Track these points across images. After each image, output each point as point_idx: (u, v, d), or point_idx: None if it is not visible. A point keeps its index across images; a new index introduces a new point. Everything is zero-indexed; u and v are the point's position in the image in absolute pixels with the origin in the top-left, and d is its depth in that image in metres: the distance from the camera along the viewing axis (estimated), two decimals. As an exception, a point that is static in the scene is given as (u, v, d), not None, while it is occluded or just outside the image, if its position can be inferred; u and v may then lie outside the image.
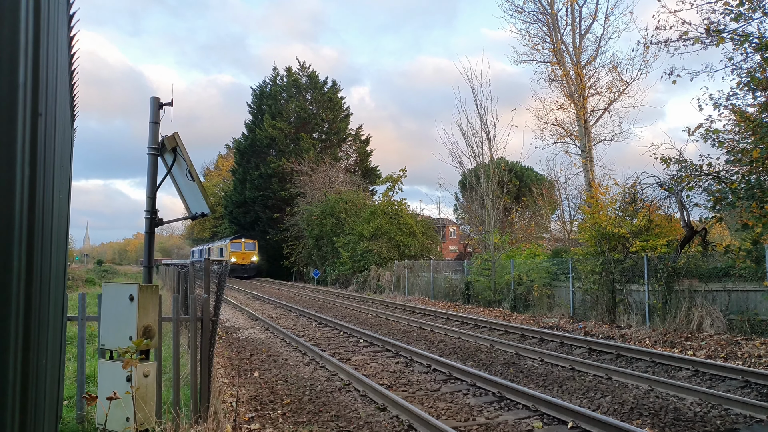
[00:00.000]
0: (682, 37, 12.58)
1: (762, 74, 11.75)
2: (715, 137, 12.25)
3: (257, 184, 51.96)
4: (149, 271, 6.65)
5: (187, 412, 5.70)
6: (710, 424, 6.29)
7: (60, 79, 2.61)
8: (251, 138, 53.75)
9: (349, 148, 55.33)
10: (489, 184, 24.28)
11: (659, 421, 6.43)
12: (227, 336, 13.96)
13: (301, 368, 9.87)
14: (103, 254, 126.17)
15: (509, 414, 6.82)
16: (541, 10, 26.95)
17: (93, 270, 55.05)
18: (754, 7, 11.32)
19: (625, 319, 14.61)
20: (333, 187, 42.75)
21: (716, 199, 11.95)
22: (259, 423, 6.57)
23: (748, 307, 12.35)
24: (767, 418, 6.31)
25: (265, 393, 8.07)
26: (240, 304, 22.74)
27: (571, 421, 6.24)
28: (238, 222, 56.81)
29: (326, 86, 54.56)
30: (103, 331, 5.25)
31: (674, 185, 14.84)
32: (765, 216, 11.21)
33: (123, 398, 4.30)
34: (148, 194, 6.56)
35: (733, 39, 11.71)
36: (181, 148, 6.49)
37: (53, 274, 2.88)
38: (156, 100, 6.65)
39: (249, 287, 35.58)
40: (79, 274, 41.82)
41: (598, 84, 26.44)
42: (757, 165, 11.23)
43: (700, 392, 7.32)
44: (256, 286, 37.10)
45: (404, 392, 7.95)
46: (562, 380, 8.58)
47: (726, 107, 12.56)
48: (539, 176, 38.91)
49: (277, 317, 18.09)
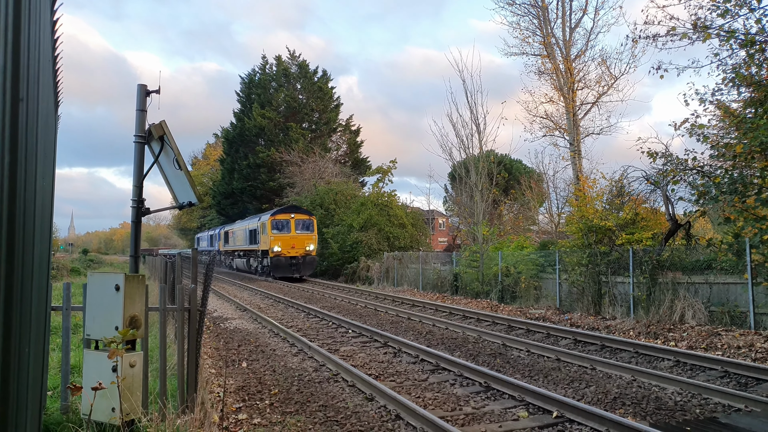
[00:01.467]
0: (670, 32, 12.66)
1: (747, 70, 11.86)
2: (700, 132, 12.37)
3: (246, 174, 51.63)
4: (136, 261, 6.61)
5: (173, 402, 5.70)
6: (690, 413, 6.40)
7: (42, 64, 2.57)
8: (240, 127, 53.34)
9: (339, 139, 55.12)
10: (478, 176, 24.35)
11: (641, 410, 6.53)
12: (215, 326, 13.92)
13: (290, 359, 9.88)
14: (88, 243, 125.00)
15: (496, 404, 6.89)
16: (531, 3, 26.96)
17: (78, 259, 54.34)
18: (741, 4, 11.40)
19: (610, 311, 14.78)
20: (323, 177, 42.61)
21: (700, 193, 12.09)
22: (247, 413, 6.59)
23: (729, 299, 12.55)
24: (745, 407, 6.43)
25: (253, 383, 8.08)
26: (228, 294, 22.67)
27: (556, 411, 6.32)
28: (225, 213, 56.33)
29: (316, 76, 54.20)
30: (88, 321, 5.22)
31: (660, 179, 14.99)
32: (746, 210, 11.36)
33: (108, 388, 4.29)
34: (134, 183, 6.50)
35: (719, 35, 11.80)
36: (168, 137, 6.43)
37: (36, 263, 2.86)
38: (143, 87, 6.58)
39: (238, 278, 35.42)
40: (64, 264, 41.23)
41: (587, 78, 26.58)
42: (740, 160, 11.37)
43: (681, 382, 7.44)
44: (244, 277, 36.96)
45: (392, 382, 7.99)
46: (548, 370, 8.67)
47: (711, 103, 12.68)
48: (528, 169, 39.09)
49: (265, 308, 18.06)
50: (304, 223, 31.99)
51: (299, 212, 32.44)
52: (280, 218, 31.51)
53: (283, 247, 30.65)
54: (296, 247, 31.01)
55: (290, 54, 54.84)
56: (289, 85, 53.89)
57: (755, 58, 11.73)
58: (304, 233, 31.53)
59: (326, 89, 54.01)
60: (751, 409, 6.38)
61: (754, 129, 10.61)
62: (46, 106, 3.00)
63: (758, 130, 10.36)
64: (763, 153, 10.94)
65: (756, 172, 11.64)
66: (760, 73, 11.97)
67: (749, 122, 11.28)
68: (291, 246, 30.85)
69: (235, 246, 40.97)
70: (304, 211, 33.00)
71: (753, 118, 11.37)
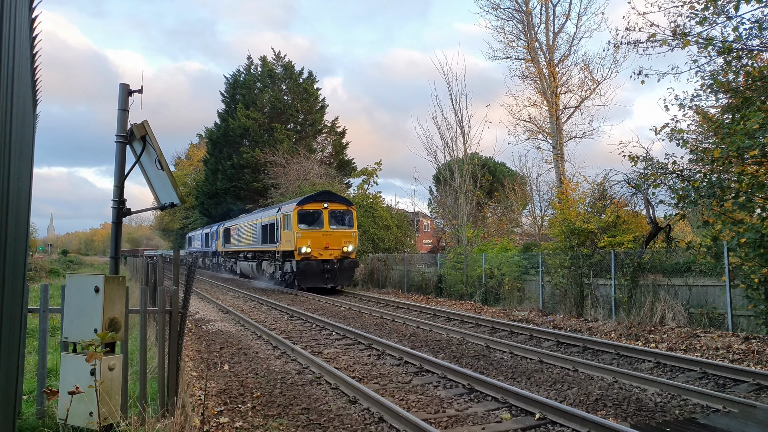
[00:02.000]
0: (650, 38, 12.83)
1: (724, 77, 12.08)
2: (679, 137, 12.55)
3: (229, 174, 51.27)
4: (116, 262, 6.52)
5: (154, 405, 5.62)
6: (670, 414, 6.48)
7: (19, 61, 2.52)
8: (224, 127, 52.97)
9: (324, 140, 54.98)
10: (463, 179, 24.46)
11: (622, 411, 6.60)
12: (197, 329, 13.79)
13: (272, 361, 9.82)
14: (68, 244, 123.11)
15: (479, 406, 6.91)
16: (516, 8, 27.19)
17: (57, 260, 53.39)
18: (718, 12, 11.60)
19: (593, 313, 14.92)
20: (307, 179, 42.44)
21: (680, 196, 12.25)
22: (228, 416, 6.52)
23: (707, 301, 12.76)
24: (723, 408, 6.53)
25: (235, 386, 8.00)
26: (210, 296, 22.47)
27: (539, 413, 6.36)
28: (209, 213, 55.83)
29: (302, 77, 54.06)
30: (66, 323, 5.13)
31: (641, 182, 15.19)
32: (724, 214, 11.55)
33: (86, 392, 4.22)
34: (115, 183, 6.41)
35: (698, 42, 11.99)
36: (150, 137, 6.36)
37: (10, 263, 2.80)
38: (125, 87, 6.49)
39: (220, 279, 35.11)
40: (43, 265, 40.47)
41: (570, 82, 26.88)
42: (718, 164, 11.55)
43: (661, 383, 7.53)
44: (227, 279, 36.64)
45: (375, 385, 7.98)
46: (531, 372, 8.72)
47: (690, 108, 12.90)
48: (511, 172, 39.31)
49: (248, 310, 17.93)
50: (341, 214, 24.15)
51: (334, 200, 24.33)
52: (310, 208, 23.45)
53: (314, 247, 22.88)
54: (330, 247, 23.16)
55: (275, 55, 54.66)
56: (274, 85, 53.67)
57: (732, 65, 11.95)
58: (341, 228, 23.75)
59: (311, 90, 53.87)
60: (729, 410, 6.48)
61: (731, 134, 10.80)
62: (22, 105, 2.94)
63: (735, 135, 10.54)
64: (740, 158, 11.14)
65: (733, 177, 11.84)
66: (737, 79, 12.20)
67: (727, 128, 11.48)
68: (324, 246, 23.00)
69: (239, 246, 34.04)
70: (341, 199, 25.08)
71: (730, 124, 11.57)
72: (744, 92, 11.78)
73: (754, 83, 11.54)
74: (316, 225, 23.40)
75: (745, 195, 10.81)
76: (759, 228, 10.63)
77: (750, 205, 10.97)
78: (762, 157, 10.73)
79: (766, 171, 10.93)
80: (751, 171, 11.28)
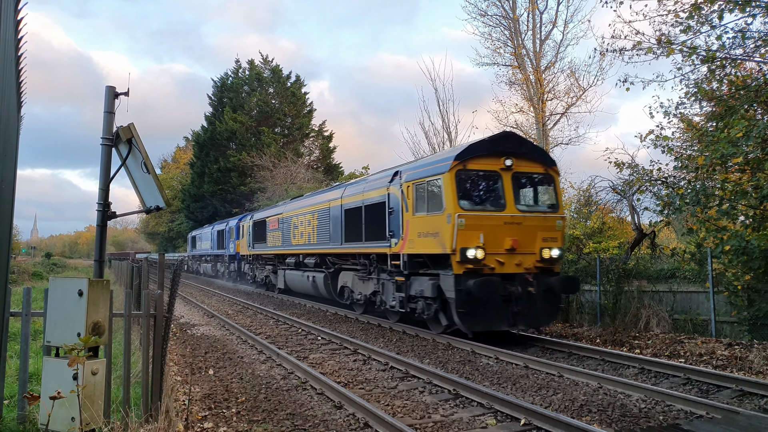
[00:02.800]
0: (636, 46, 13.00)
1: (708, 85, 12.28)
2: (664, 144, 12.73)
3: (216, 177, 51.02)
4: (100, 266, 6.44)
5: (137, 411, 5.56)
6: (654, 420, 6.53)
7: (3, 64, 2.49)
8: (211, 131, 52.73)
9: (311, 144, 54.93)
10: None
11: (607, 417, 6.64)
12: (182, 333, 13.66)
13: (258, 366, 9.75)
14: (52, 247, 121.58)
15: (464, 411, 6.91)
16: (503, 14, 27.37)
17: (41, 263, 52.70)
18: (702, 21, 11.80)
19: (578, 319, 15.02)
20: (295, 182, 42.33)
21: (664, 203, 12.41)
22: (213, 422, 6.46)
23: (691, 307, 12.92)
24: (706, 413, 6.59)
25: (220, 391, 7.94)
26: (196, 300, 22.29)
27: (524, 418, 6.38)
28: (195, 217, 55.43)
29: (289, 81, 54.04)
30: (48, 327, 5.06)
31: (626, 189, 15.37)
32: (708, 221, 11.71)
33: (68, 397, 4.16)
34: (100, 186, 6.34)
35: (682, 51, 12.18)
36: (136, 140, 6.31)
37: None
38: (111, 89, 6.43)
39: (207, 284, 34.83)
40: (26, 267, 39.90)
41: (557, 89, 27.06)
42: (702, 172, 11.73)
43: (645, 389, 7.59)
44: (211, 282, 36.38)
45: (361, 390, 7.95)
46: (516, 378, 8.75)
47: (675, 116, 13.09)
48: (499, 177, 39.45)
49: (233, 314, 17.81)
50: (537, 181, 12.50)
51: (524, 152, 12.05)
52: (481, 167, 11.71)
53: (492, 247, 11.23)
54: (522, 247, 11.46)
55: (263, 58, 54.62)
56: (262, 89, 53.57)
57: (716, 74, 12.16)
58: (536, 213, 12.07)
59: (299, 94, 53.84)
60: (712, 416, 6.54)
61: (715, 142, 10.97)
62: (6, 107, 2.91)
63: (719, 143, 10.71)
64: (724, 165, 11.32)
65: (717, 184, 12.02)
66: (720, 88, 12.40)
67: (710, 135, 11.67)
68: (509, 245, 11.32)
69: (285, 247, 22.07)
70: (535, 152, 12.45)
71: (714, 132, 11.76)
72: (727, 101, 11.97)
73: (737, 92, 11.73)
74: (490, 203, 11.78)
75: (729, 202, 10.98)
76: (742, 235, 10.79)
77: (733, 212, 11.14)
78: (745, 164, 10.90)
79: (749, 179, 11.11)
80: (734, 179, 11.46)
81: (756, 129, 10.11)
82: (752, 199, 10.99)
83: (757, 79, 11.77)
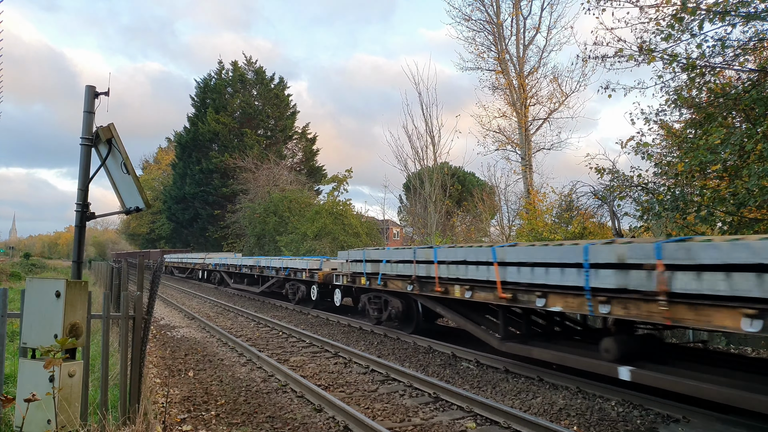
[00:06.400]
0: (617, 53, 13.17)
1: (688, 93, 12.48)
2: (644, 150, 12.89)
3: (198, 179, 50.58)
4: (78, 267, 6.35)
5: (115, 413, 5.49)
6: (631, 423, 6.62)
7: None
8: (193, 132, 52.28)
9: (294, 146, 54.76)
10: (432, 188, 24.65)
11: (585, 421, 6.71)
12: (161, 335, 13.50)
13: (238, 368, 9.68)
14: (31, 247, 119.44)
15: (444, 415, 6.93)
16: (487, 19, 27.60)
17: (19, 264, 51.70)
18: (683, 29, 11.99)
19: (558, 322, 15.13)
20: (277, 185, 42.16)
21: (644, 209, 12.57)
22: (192, 424, 6.40)
23: (670, 312, 13.07)
24: (683, 417, 6.69)
25: (199, 393, 7.86)
26: (176, 302, 22.05)
27: (503, 422, 6.42)
28: (176, 218, 54.84)
29: (273, 82, 53.83)
30: (25, 328, 4.98)
31: (607, 194, 15.54)
32: (687, 227, 11.89)
33: (44, 400, 4.10)
34: (79, 186, 6.26)
35: (663, 58, 12.36)
36: (116, 140, 6.24)
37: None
38: (91, 89, 6.36)
39: (185, 284, 34.43)
40: (3, 268, 39.10)
41: (540, 94, 27.34)
42: (681, 178, 11.91)
43: (623, 393, 7.68)
44: (194, 285, 35.99)
45: (342, 393, 7.94)
46: (496, 382, 8.80)
47: (655, 122, 13.26)
48: (480, 182, 39.77)
49: (214, 316, 17.65)
50: None
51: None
52: None
53: None
54: None
55: (247, 60, 54.31)
56: (245, 90, 53.30)
57: (696, 82, 12.35)
58: None
59: (283, 96, 53.68)
60: (689, 419, 6.65)
61: (694, 149, 11.14)
62: (-16, 103, 2.85)
63: (698, 150, 10.88)
64: (703, 172, 11.50)
65: (696, 191, 12.22)
66: (700, 96, 12.62)
67: (690, 142, 11.85)
68: None
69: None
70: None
71: (693, 139, 11.95)
72: (706, 108, 12.18)
73: (716, 99, 11.93)
74: None
75: (707, 209, 11.16)
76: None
77: (712, 218, 11.32)
78: (723, 172, 11.09)
79: (727, 186, 11.31)
80: (713, 185, 11.66)
81: (734, 137, 10.29)
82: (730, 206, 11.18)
83: (736, 87, 11.98)
